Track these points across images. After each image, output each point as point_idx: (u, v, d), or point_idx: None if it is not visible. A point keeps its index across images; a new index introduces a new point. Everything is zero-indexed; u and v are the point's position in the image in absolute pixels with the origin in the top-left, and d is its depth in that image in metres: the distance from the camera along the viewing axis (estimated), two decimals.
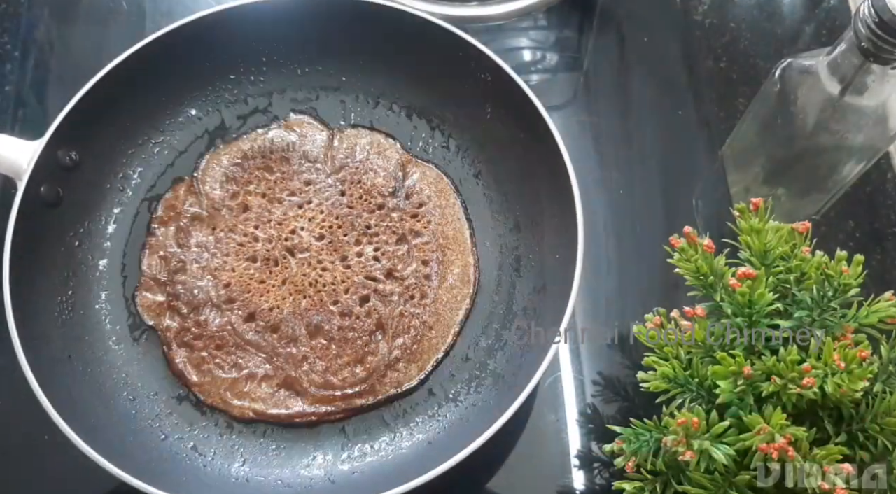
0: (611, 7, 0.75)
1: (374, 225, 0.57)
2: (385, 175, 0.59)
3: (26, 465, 0.55)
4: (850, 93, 0.49)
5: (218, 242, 0.57)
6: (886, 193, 0.65)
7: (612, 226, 0.64)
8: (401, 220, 0.58)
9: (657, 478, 0.44)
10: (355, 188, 0.59)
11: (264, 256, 0.57)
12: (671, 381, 0.44)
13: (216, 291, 0.56)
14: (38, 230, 0.53)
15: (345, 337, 0.54)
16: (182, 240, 0.57)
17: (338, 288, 0.56)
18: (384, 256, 0.57)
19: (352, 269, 0.56)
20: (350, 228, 0.57)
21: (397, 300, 0.55)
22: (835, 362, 0.40)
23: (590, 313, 0.60)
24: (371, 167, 0.59)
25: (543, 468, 0.57)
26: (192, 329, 0.55)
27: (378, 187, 0.58)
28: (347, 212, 0.58)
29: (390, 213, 0.58)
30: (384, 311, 0.55)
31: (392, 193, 0.58)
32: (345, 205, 0.58)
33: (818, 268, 0.44)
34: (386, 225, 0.57)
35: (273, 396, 0.53)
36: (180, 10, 0.73)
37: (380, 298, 0.55)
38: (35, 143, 0.54)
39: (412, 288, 0.56)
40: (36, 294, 0.53)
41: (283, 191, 0.58)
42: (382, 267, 0.56)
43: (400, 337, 0.54)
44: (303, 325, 0.55)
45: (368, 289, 0.56)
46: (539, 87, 0.69)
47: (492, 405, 0.52)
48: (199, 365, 0.54)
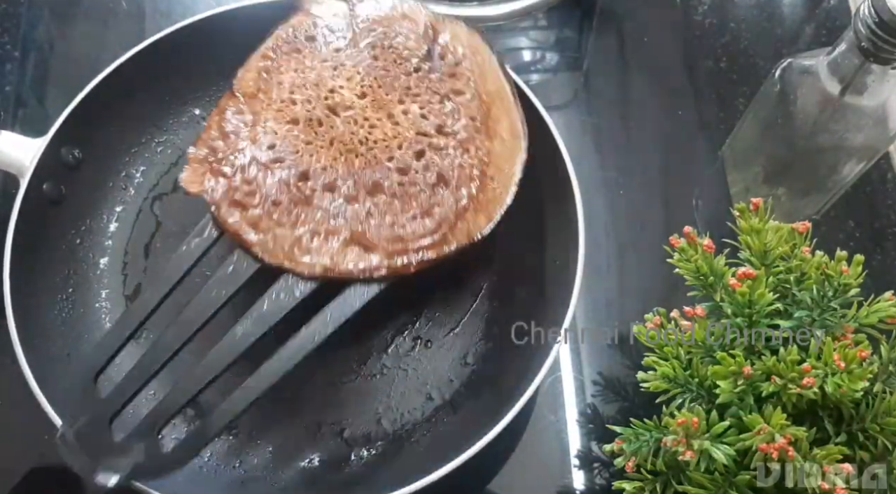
0: (611, 7, 0.75)
1: (413, 85, 0.54)
2: (415, 37, 0.56)
3: (25, 464, 0.55)
4: (850, 93, 0.49)
5: (255, 115, 0.53)
6: (886, 193, 0.65)
7: (612, 226, 0.64)
8: (440, 81, 0.54)
9: (657, 478, 0.44)
10: (387, 53, 0.55)
11: (306, 117, 0.53)
12: (671, 381, 0.44)
13: (261, 151, 0.51)
14: (39, 227, 0.54)
15: (406, 191, 0.51)
16: (223, 127, 0.52)
17: (390, 144, 0.52)
18: (431, 113, 0.53)
19: (401, 126, 0.53)
20: (391, 88, 0.54)
21: (453, 153, 0.52)
22: (835, 362, 0.40)
23: (590, 313, 0.60)
24: (400, 30, 0.56)
25: (543, 468, 0.57)
26: (242, 187, 0.50)
27: (411, 50, 0.55)
28: (384, 74, 0.54)
29: (428, 75, 0.55)
30: (442, 164, 0.52)
31: (426, 56, 0.55)
32: (380, 68, 0.55)
33: (818, 268, 0.44)
34: (426, 86, 0.54)
35: (342, 251, 0.49)
36: (180, 11, 0.73)
37: (435, 152, 0.52)
38: (38, 141, 0.54)
39: (465, 142, 0.53)
40: (36, 291, 0.53)
41: (317, 61, 0.55)
42: (432, 124, 0.53)
43: (462, 187, 0.51)
44: (361, 184, 0.51)
45: (422, 144, 0.52)
46: (539, 87, 0.69)
47: (490, 410, 0.52)
48: (256, 223, 0.49)
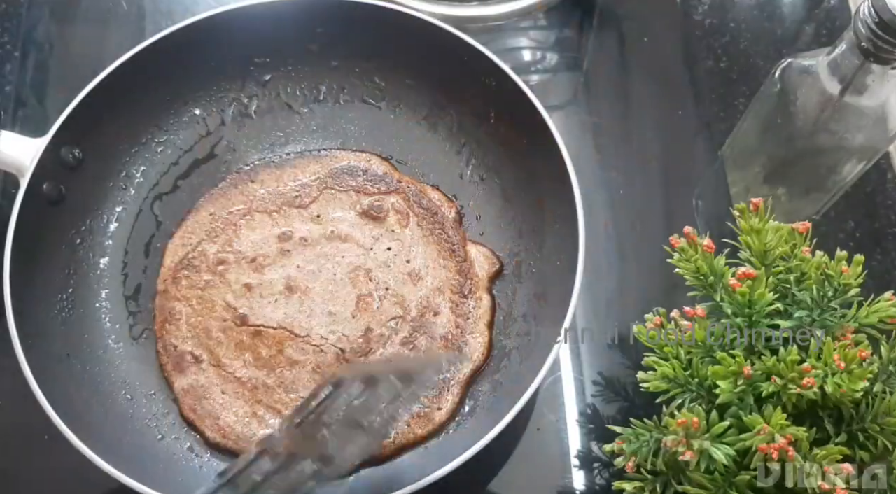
0: (611, 7, 0.75)
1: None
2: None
3: (25, 464, 0.55)
4: (850, 93, 0.49)
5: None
6: (886, 193, 0.65)
7: (612, 226, 0.64)
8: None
9: (657, 478, 0.44)
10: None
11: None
12: (671, 381, 0.44)
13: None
14: (39, 227, 0.54)
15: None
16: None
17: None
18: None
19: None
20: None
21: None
22: (835, 362, 0.40)
23: (590, 313, 0.60)
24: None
25: (543, 468, 0.57)
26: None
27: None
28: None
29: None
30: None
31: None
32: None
33: (818, 268, 0.44)
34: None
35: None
36: (180, 10, 0.73)
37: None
38: (38, 141, 0.54)
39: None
40: (36, 291, 0.53)
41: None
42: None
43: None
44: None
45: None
46: (539, 87, 0.69)
47: (490, 411, 0.52)
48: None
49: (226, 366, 0.53)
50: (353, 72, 0.62)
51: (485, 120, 0.60)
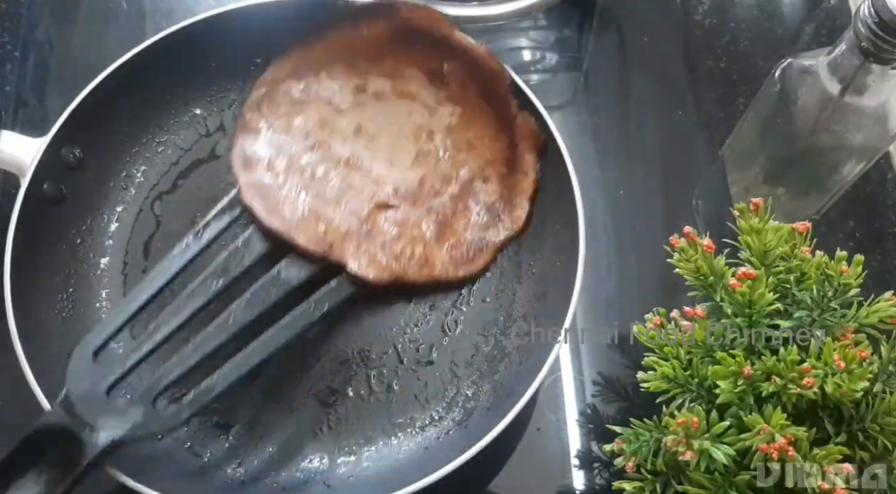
0: (611, 7, 0.74)
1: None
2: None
3: None
4: (850, 93, 0.49)
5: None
6: (886, 193, 0.65)
7: (612, 226, 0.64)
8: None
9: (657, 478, 0.44)
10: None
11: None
12: (671, 381, 0.44)
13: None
14: (40, 227, 0.53)
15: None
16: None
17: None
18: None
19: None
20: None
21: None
22: (835, 362, 0.40)
23: (590, 313, 0.60)
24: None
25: (543, 468, 0.57)
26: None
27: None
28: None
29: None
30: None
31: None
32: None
33: (818, 268, 0.44)
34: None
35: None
36: (181, 10, 0.73)
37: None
38: (39, 140, 0.54)
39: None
40: (37, 291, 0.53)
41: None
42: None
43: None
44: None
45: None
46: (539, 87, 0.69)
47: (490, 412, 0.52)
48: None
49: (293, 174, 0.56)
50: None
51: None
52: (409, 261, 0.55)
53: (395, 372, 0.54)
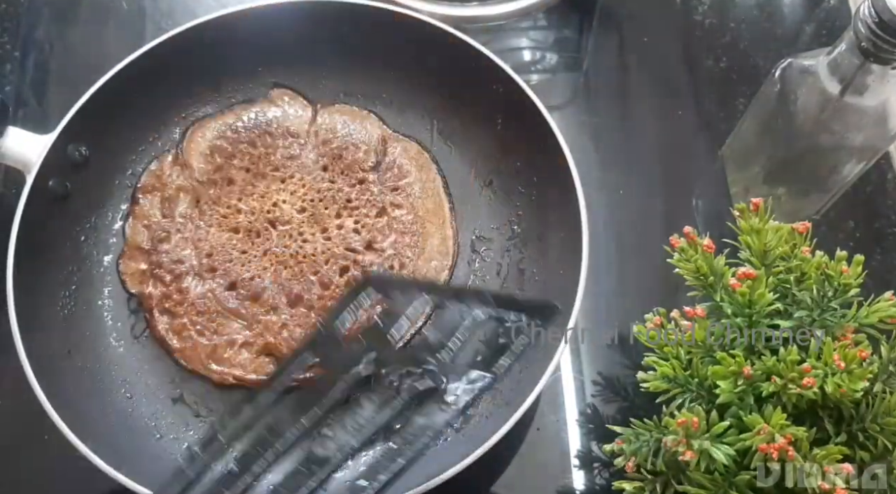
0: (611, 7, 0.74)
1: (354, 198, 0.59)
2: (366, 150, 0.60)
3: (24, 464, 0.55)
4: (850, 93, 0.49)
5: (202, 214, 0.58)
6: (886, 193, 0.65)
7: (612, 226, 0.64)
8: (381, 194, 0.59)
9: (657, 478, 0.44)
10: (337, 163, 0.59)
11: (246, 227, 0.57)
12: (671, 381, 0.44)
13: (198, 260, 0.56)
14: (44, 224, 0.54)
15: (325, 305, 0.55)
16: (166, 211, 0.58)
17: (318, 259, 0.56)
18: (364, 228, 0.58)
19: (332, 241, 0.57)
20: (331, 202, 0.58)
21: (377, 270, 0.56)
22: (835, 362, 0.40)
23: (590, 313, 0.60)
24: (352, 142, 0.60)
25: (543, 468, 0.57)
26: (174, 296, 0.55)
27: (359, 162, 0.59)
28: (329, 187, 0.59)
29: (371, 187, 0.59)
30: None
31: (373, 168, 0.59)
32: (326, 179, 0.59)
33: (818, 268, 0.44)
34: (366, 198, 0.58)
35: (253, 362, 0.54)
36: (181, 11, 0.73)
37: (359, 269, 0.56)
38: (45, 137, 0.54)
39: (391, 259, 0.57)
40: (39, 287, 0.53)
41: (267, 165, 0.59)
42: (362, 239, 0.57)
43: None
44: (283, 295, 0.55)
45: (348, 260, 0.57)
46: (539, 87, 0.69)
47: (489, 419, 0.52)
48: (181, 331, 0.55)
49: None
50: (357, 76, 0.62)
51: (493, 128, 0.60)
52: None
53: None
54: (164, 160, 0.60)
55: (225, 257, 0.56)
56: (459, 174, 0.61)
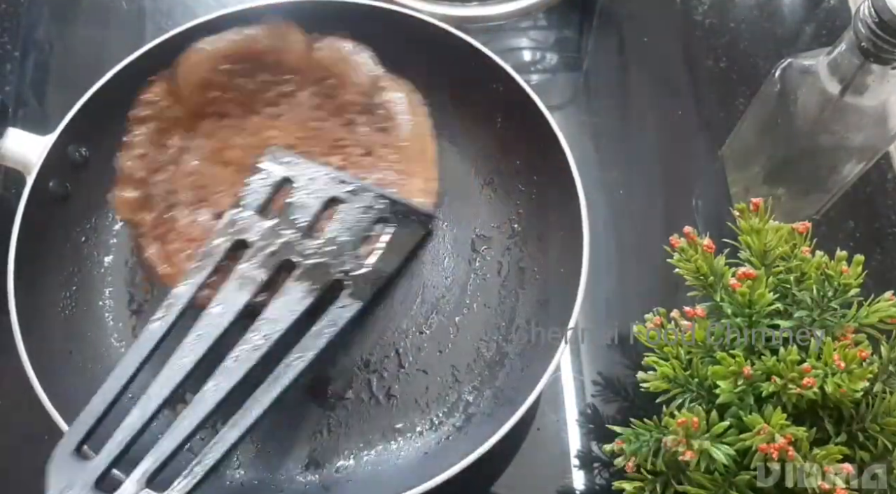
0: (611, 7, 0.75)
1: (342, 136, 0.58)
2: (358, 90, 0.59)
3: (25, 464, 0.55)
4: (850, 93, 0.49)
5: (194, 147, 0.57)
6: (886, 193, 0.65)
7: (612, 226, 0.64)
8: (369, 134, 0.58)
9: (657, 478, 0.44)
10: (329, 102, 0.59)
11: (238, 161, 0.56)
12: (671, 381, 0.44)
13: (191, 190, 0.56)
14: (44, 224, 0.54)
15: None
16: (160, 141, 0.57)
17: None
18: (350, 165, 0.57)
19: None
20: (320, 140, 0.58)
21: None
22: (835, 362, 0.40)
23: (590, 313, 0.60)
24: (345, 81, 0.59)
25: (543, 468, 0.57)
26: (166, 224, 0.54)
27: (351, 102, 0.59)
28: (319, 125, 0.58)
29: (359, 127, 0.58)
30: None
31: (364, 109, 0.58)
32: (317, 118, 0.59)
33: (818, 268, 0.44)
34: (355, 137, 0.58)
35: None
36: (180, 11, 0.73)
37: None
38: (46, 138, 0.54)
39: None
40: (40, 288, 0.53)
41: (260, 102, 0.59)
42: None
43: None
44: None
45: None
46: (539, 87, 0.69)
47: (490, 418, 0.52)
48: (171, 257, 0.53)
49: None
50: None
51: (493, 127, 0.60)
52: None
53: (396, 377, 0.54)
54: (156, 88, 0.57)
55: (215, 189, 0.56)
56: (460, 173, 0.61)
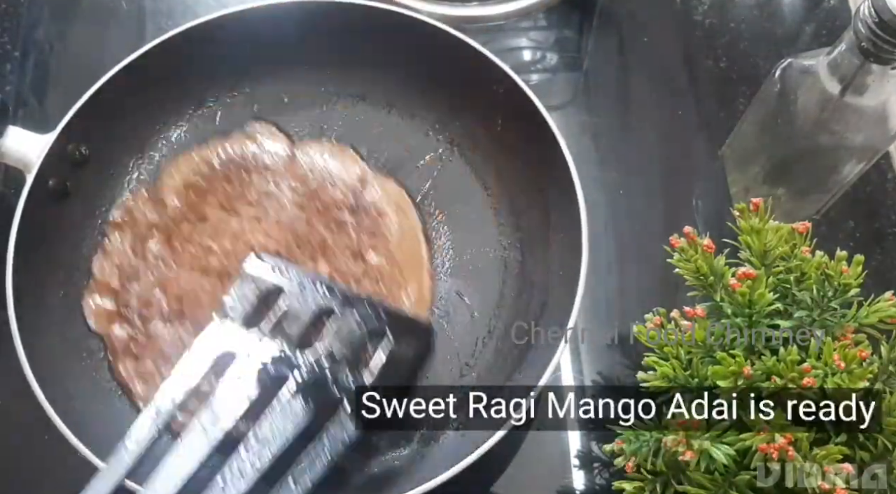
0: (611, 7, 0.75)
1: (330, 241, 0.57)
2: (343, 189, 0.58)
3: (25, 464, 0.55)
4: (850, 93, 0.49)
5: (173, 252, 0.56)
6: (886, 193, 0.65)
7: (612, 226, 0.64)
8: (358, 237, 0.57)
9: (657, 478, 0.44)
10: (313, 202, 0.58)
11: (218, 269, 0.56)
12: (671, 381, 0.44)
13: (167, 304, 0.55)
14: (44, 223, 0.54)
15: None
16: (137, 249, 0.56)
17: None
18: (338, 274, 0.56)
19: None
20: (307, 244, 0.57)
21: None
22: (835, 362, 0.40)
23: (590, 313, 0.60)
24: (331, 180, 0.59)
25: (543, 468, 0.57)
26: (140, 339, 0.54)
27: (336, 202, 0.58)
28: (304, 229, 0.57)
29: (348, 230, 0.57)
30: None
31: (351, 210, 0.58)
32: (303, 220, 0.57)
33: (818, 268, 0.44)
34: (344, 242, 0.57)
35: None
36: (181, 10, 0.73)
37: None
38: (46, 137, 0.54)
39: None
40: (39, 288, 0.53)
41: (242, 203, 0.58)
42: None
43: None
44: None
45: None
46: (539, 87, 0.69)
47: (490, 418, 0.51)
48: (145, 376, 0.53)
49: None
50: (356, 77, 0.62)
51: (493, 130, 0.60)
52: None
53: None
54: (136, 195, 0.58)
55: (195, 301, 0.55)
56: (459, 174, 0.61)
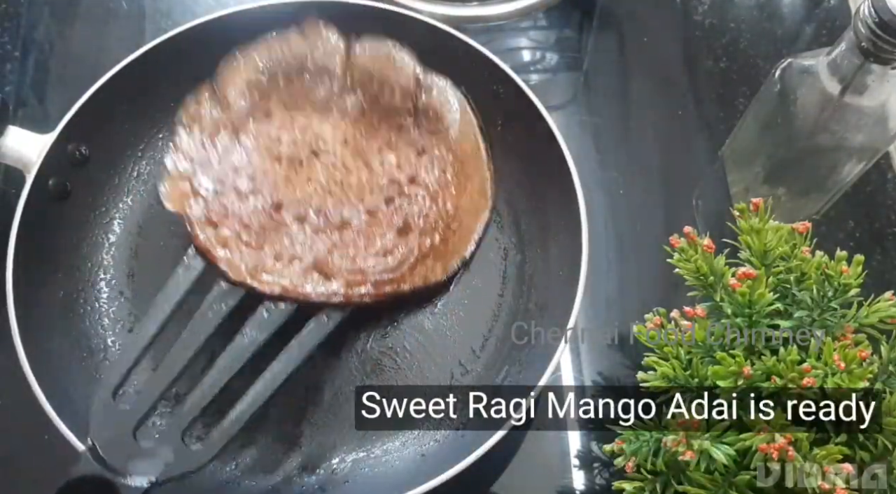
0: (611, 7, 0.75)
1: (394, 138, 0.58)
2: (403, 93, 0.59)
3: (25, 464, 0.55)
4: (850, 93, 0.49)
5: (242, 144, 0.57)
6: (886, 193, 0.65)
7: (612, 226, 0.64)
8: (420, 136, 0.58)
9: (657, 478, 0.44)
10: (375, 106, 0.59)
11: (289, 156, 0.56)
12: (671, 381, 0.44)
13: (241, 181, 0.55)
14: (44, 223, 0.54)
15: (372, 231, 0.55)
16: (206, 142, 0.56)
17: (363, 188, 0.56)
18: (406, 164, 0.57)
19: (375, 173, 0.57)
20: (372, 138, 0.58)
21: (421, 202, 0.56)
22: (835, 362, 0.40)
23: (590, 313, 0.60)
24: (390, 84, 0.59)
25: (543, 468, 0.57)
26: (218, 209, 0.54)
27: (396, 108, 0.58)
28: (369, 127, 0.58)
29: (409, 132, 0.58)
30: (410, 211, 0.56)
31: (411, 112, 0.58)
32: (366, 121, 0.58)
33: (818, 268, 0.44)
34: (406, 139, 0.58)
35: (303, 275, 0.52)
36: (180, 10, 0.73)
37: (405, 200, 0.56)
38: (46, 137, 0.54)
39: (435, 195, 0.56)
40: (39, 287, 0.53)
41: (305, 103, 0.58)
42: (405, 174, 0.57)
43: (426, 236, 0.55)
44: (330, 219, 0.55)
45: (393, 191, 0.56)
46: (539, 87, 0.69)
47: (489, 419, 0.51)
48: (225, 241, 0.53)
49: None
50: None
51: (493, 130, 0.60)
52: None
53: (394, 378, 0.54)
54: (200, 94, 0.58)
55: (269, 182, 0.55)
56: None
